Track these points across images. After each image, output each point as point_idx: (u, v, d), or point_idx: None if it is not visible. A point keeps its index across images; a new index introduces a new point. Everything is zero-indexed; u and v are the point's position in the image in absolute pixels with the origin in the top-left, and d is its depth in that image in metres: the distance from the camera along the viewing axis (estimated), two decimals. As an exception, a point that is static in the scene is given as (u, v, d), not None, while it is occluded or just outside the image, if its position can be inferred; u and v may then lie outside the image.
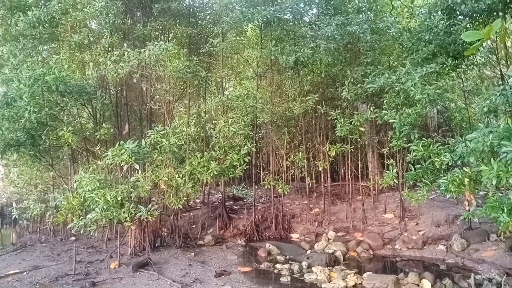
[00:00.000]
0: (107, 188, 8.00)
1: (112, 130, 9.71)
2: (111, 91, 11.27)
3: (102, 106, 9.85)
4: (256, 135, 12.69)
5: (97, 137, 9.25)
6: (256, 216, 11.52)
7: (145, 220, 8.70)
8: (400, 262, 8.88)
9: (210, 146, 10.14)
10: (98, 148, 9.16)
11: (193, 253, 9.47)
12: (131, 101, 11.93)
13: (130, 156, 7.75)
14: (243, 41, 13.97)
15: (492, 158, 5.71)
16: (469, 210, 6.83)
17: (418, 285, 7.00)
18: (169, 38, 12.71)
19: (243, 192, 17.03)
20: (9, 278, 7.99)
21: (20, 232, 13.68)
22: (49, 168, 10.81)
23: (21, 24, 9.51)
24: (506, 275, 6.82)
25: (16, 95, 8.21)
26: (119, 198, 7.86)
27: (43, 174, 11.63)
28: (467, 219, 8.42)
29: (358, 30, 10.31)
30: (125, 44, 9.26)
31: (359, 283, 7.36)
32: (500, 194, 6.09)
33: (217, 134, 9.49)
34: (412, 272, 7.46)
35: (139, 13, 12.16)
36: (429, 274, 7.35)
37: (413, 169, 8.05)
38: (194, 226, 11.73)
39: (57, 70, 8.29)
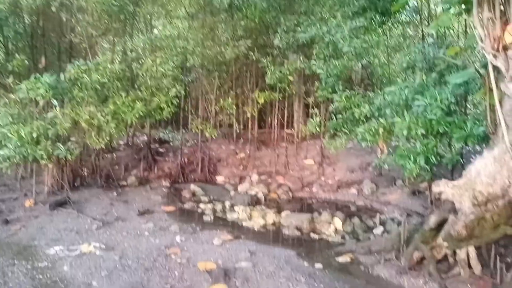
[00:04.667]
0: (21, 124, 7.50)
1: (26, 62, 8.94)
2: (26, 20, 10.24)
3: (14, 35, 8.99)
4: (186, 78, 12.40)
5: (9, 68, 8.49)
6: (182, 159, 11.53)
7: (64, 158, 8.35)
8: (316, 203, 9.53)
9: (136, 86, 9.76)
10: (10, 80, 8.43)
11: (115, 193, 9.33)
12: (49, 32, 10.95)
13: (48, 90, 7.29)
14: (176, -23, 13.17)
15: (405, 111, 6.17)
16: (380, 158, 7.41)
17: (330, 223, 7.61)
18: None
19: (170, 135, 16.80)
20: None
21: None
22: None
23: None
24: (406, 215, 7.63)
25: None
26: (34, 135, 7.44)
27: None
28: (378, 166, 9.13)
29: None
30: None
31: (278, 221, 7.84)
32: (410, 145, 6.64)
33: (144, 74, 9.15)
34: (325, 212, 8.10)
35: None
36: (340, 213, 8.05)
37: (335, 118, 8.48)
38: (117, 167, 11.45)
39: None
